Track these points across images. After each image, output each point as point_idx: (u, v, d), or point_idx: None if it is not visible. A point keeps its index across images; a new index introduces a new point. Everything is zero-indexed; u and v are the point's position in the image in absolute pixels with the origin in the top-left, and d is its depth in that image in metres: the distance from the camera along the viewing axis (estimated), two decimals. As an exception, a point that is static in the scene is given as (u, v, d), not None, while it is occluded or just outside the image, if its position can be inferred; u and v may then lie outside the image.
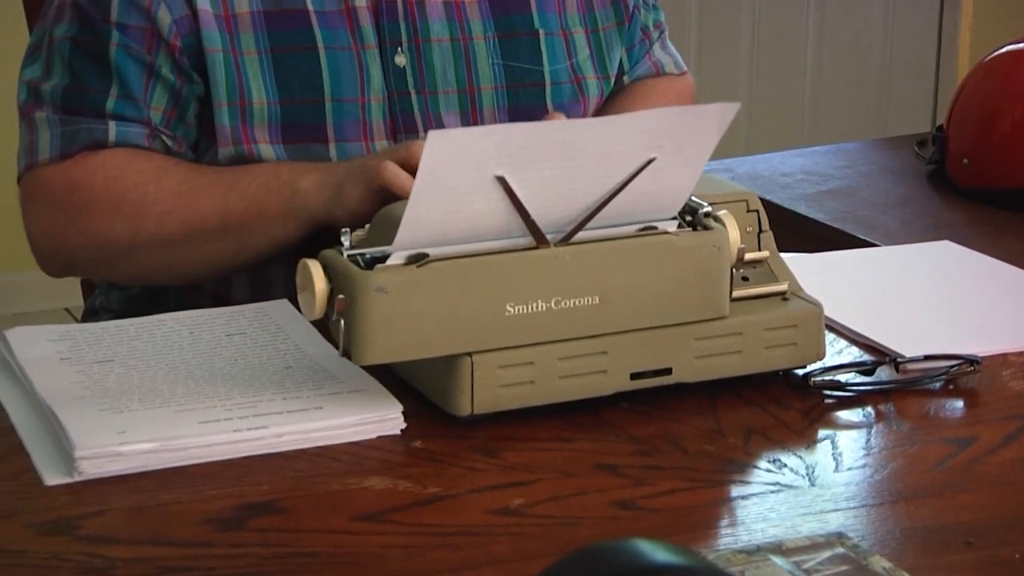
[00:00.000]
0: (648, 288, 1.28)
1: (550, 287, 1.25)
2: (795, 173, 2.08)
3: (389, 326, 1.22)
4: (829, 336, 1.42)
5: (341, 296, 1.23)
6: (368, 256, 1.24)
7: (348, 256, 1.24)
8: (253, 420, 1.23)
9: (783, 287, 1.37)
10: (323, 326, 1.36)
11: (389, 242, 1.24)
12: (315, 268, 1.25)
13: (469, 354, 1.24)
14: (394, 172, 1.43)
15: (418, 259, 1.23)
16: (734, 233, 1.32)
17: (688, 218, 1.32)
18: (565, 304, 1.26)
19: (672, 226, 1.31)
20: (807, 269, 1.45)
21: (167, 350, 1.36)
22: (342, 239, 1.26)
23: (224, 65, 1.60)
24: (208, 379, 1.30)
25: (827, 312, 1.37)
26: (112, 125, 1.59)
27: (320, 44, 1.62)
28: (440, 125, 1.66)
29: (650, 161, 1.26)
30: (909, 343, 1.41)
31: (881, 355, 1.40)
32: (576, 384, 1.27)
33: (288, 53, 1.61)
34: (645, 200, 1.28)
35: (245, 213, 1.55)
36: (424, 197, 1.21)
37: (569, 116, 1.64)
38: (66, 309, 3.68)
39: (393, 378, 1.30)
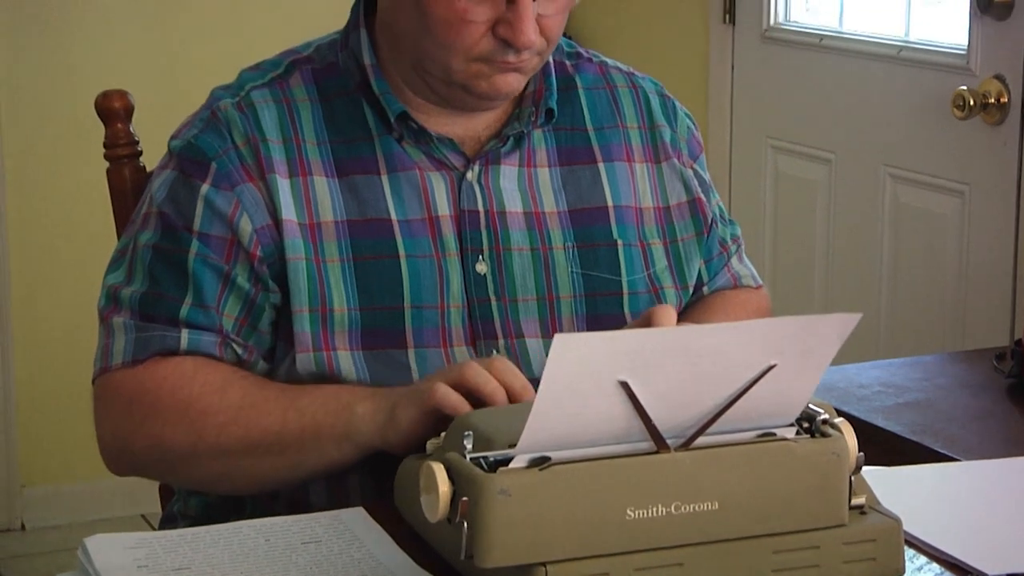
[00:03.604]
0: (767, 494, 1.28)
1: (670, 492, 1.26)
2: (872, 385, 2.06)
3: (512, 529, 1.22)
4: (909, 552, 1.39)
5: (465, 499, 1.23)
6: (491, 459, 1.25)
7: (471, 459, 1.25)
8: (327, 629, 1.22)
9: (861, 501, 1.35)
10: (398, 535, 1.36)
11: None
12: (439, 471, 1.26)
13: (544, 564, 1.23)
14: (445, 393, 1.44)
15: (540, 462, 1.24)
16: (852, 440, 1.32)
17: (805, 424, 1.32)
18: (685, 509, 1.26)
19: (790, 432, 1.31)
20: (885, 483, 1.44)
21: (243, 558, 1.36)
22: (464, 442, 1.27)
23: (306, 272, 1.63)
24: (283, 587, 1.30)
25: (906, 527, 1.35)
26: (184, 333, 1.61)
27: (402, 252, 1.65)
28: (519, 332, 1.67)
29: (771, 368, 1.27)
30: (992, 560, 1.38)
31: (963, 572, 1.38)
32: (652, 597, 1.26)
33: (370, 261, 1.64)
34: (764, 406, 1.29)
35: (302, 431, 1.56)
36: (548, 401, 1.22)
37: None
38: (142, 516, 3.69)
39: (468, 588, 1.29)
